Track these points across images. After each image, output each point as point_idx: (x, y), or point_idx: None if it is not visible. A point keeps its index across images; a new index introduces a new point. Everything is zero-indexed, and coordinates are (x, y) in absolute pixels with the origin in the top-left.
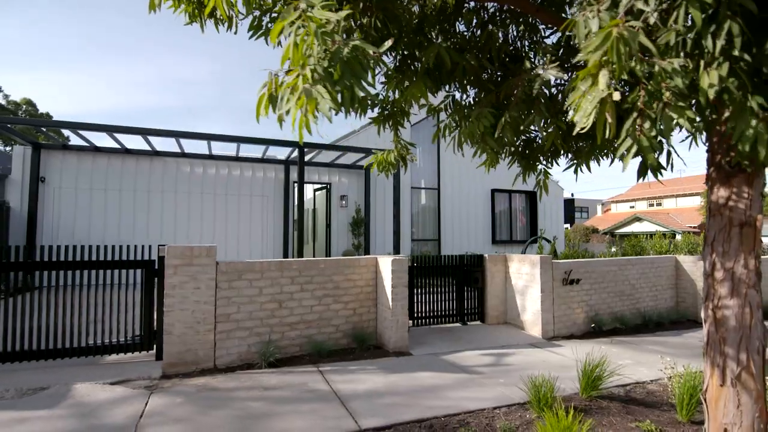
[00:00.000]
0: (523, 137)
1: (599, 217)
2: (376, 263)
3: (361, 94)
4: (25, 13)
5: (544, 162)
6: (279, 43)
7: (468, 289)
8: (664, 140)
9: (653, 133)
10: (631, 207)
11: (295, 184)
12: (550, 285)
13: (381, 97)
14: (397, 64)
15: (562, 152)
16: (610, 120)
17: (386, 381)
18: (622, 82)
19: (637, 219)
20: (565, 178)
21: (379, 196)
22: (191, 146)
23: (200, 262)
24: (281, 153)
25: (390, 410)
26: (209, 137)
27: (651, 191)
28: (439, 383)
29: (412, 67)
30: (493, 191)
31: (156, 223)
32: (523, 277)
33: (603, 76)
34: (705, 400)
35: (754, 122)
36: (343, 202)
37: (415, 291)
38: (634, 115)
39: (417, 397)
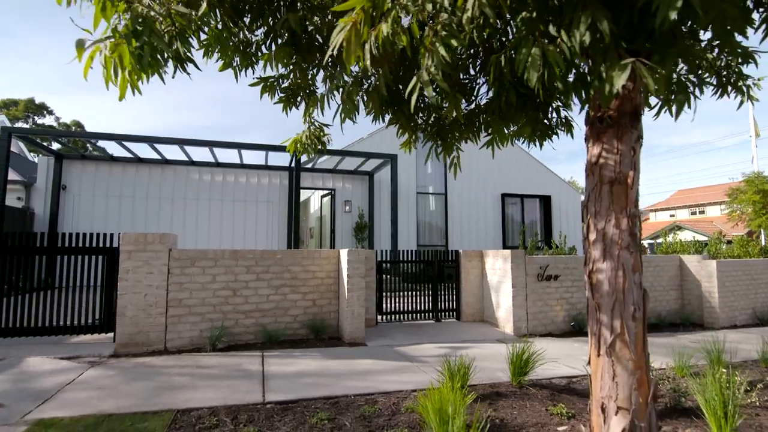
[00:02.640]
0: (434, 116)
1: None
2: (338, 256)
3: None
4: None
5: (458, 141)
6: None
7: (443, 285)
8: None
9: (433, 69)
10: (672, 216)
11: (300, 190)
12: (522, 280)
13: (286, 82)
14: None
15: (479, 130)
16: (340, 37)
17: (321, 365)
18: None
19: (677, 228)
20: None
21: (384, 201)
22: (199, 155)
23: (153, 248)
24: (286, 160)
25: (305, 388)
26: (211, 144)
27: (693, 198)
28: (374, 369)
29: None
30: (504, 195)
31: (166, 227)
32: (497, 272)
33: (359, 9)
34: (589, 373)
35: (526, 50)
36: (347, 207)
37: (386, 286)
38: (427, 55)
39: (342, 379)
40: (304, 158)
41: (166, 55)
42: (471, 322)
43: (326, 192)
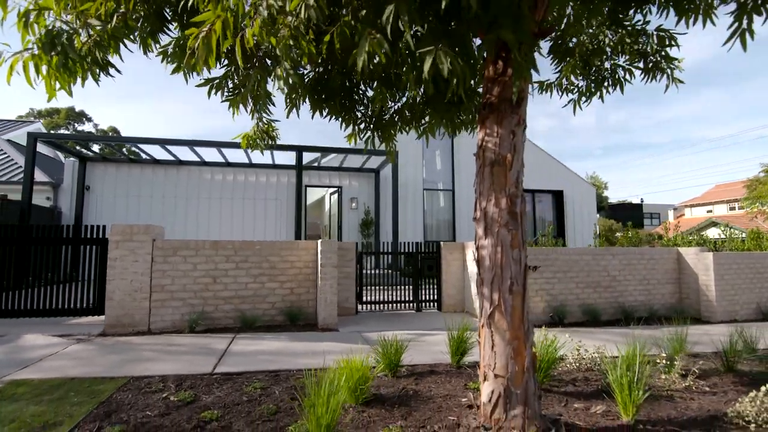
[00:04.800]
0: (371, 109)
1: (671, 223)
2: (317, 247)
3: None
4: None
5: (396, 132)
6: None
7: (425, 277)
8: None
9: (287, 65)
10: (709, 211)
11: (306, 188)
12: None
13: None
14: None
15: (418, 121)
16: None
17: (283, 346)
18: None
19: (714, 224)
20: (628, 181)
21: (390, 197)
22: (211, 156)
23: (138, 239)
24: (294, 159)
25: (255, 364)
26: (219, 144)
27: (732, 192)
28: (331, 350)
29: None
30: None
31: (181, 224)
32: (475, 263)
33: (214, 19)
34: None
35: (360, 43)
36: (354, 204)
37: (380, 280)
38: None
39: (295, 358)
40: (309, 157)
41: (88, 61)
42: (452, 312)
43: (334, 189)
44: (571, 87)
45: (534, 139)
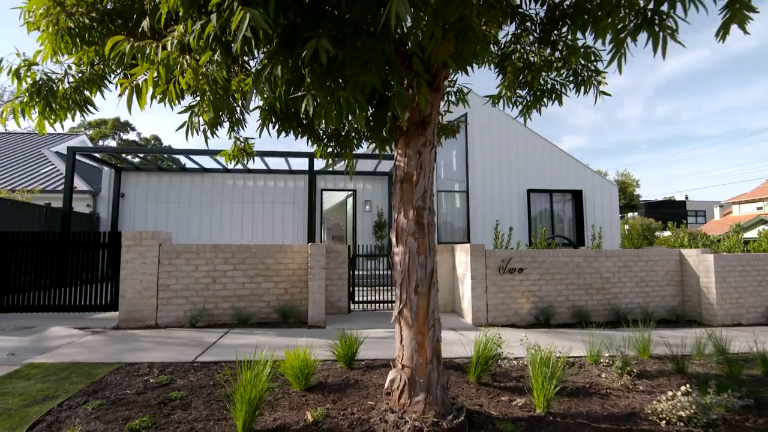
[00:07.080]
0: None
1: (716, 222)
2: (308, 250)
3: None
4: None
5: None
6: None
7: None
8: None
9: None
10: (759, 208)
11: (323, 192)
12: (482, 272)
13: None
14: None
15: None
16: (130, 93)
17: (268, 340)
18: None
19: (763, 222)
20: (674, 176)
21: None
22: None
23: (147, 243)
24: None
25: (234, 355)
26: None
27: None
28: (308, 344)
29: None
30: (530, 191)
31: (206, 227)
32: (462, 265)
33: (146, 75)
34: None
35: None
36: (367, 207)
37: (370, 279)
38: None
39: (272, 350)
40: (322, 164)
41: (70, 102)
42: (442, 312)
43: (349, 193)
44: (520, 99)
45: (576, 133)
